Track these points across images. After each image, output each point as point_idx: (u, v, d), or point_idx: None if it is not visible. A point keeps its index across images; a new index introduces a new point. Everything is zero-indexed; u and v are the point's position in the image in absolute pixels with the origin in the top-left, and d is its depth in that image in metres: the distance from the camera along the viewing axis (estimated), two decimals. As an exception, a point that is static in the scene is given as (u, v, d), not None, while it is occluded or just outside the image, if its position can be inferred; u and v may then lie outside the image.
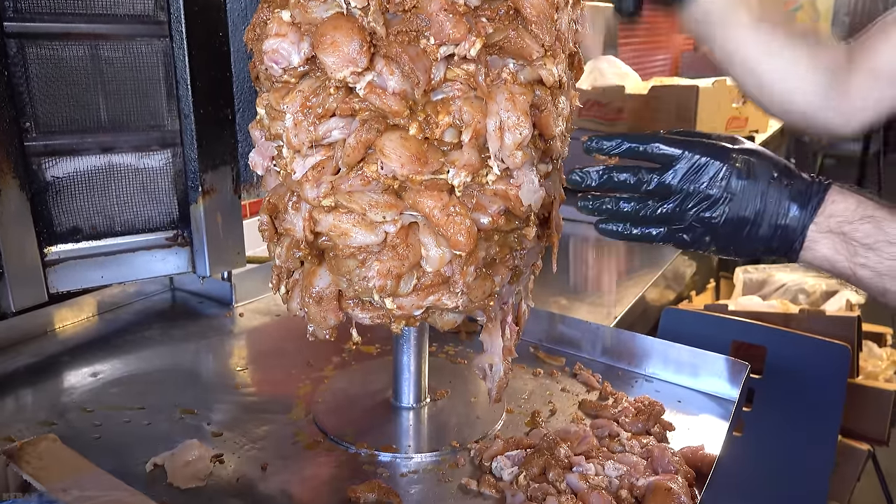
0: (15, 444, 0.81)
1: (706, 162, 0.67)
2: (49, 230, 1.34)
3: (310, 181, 0.90)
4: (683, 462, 0.98)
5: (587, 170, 0.72)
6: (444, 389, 1.21)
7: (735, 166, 0.67)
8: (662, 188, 0.68)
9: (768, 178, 0.67)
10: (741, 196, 0.67)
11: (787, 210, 0.67)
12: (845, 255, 0.66)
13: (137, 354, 1.36)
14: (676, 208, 0.68)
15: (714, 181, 0.67)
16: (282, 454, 1.04)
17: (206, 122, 1.40)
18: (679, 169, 0.67)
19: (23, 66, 1.24)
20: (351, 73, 0.83)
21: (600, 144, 0.71)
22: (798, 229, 0.67)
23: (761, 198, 0.66)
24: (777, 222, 0.67)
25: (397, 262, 0.89)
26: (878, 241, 0.65)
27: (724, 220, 0.67)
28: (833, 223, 0.66)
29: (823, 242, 0.67)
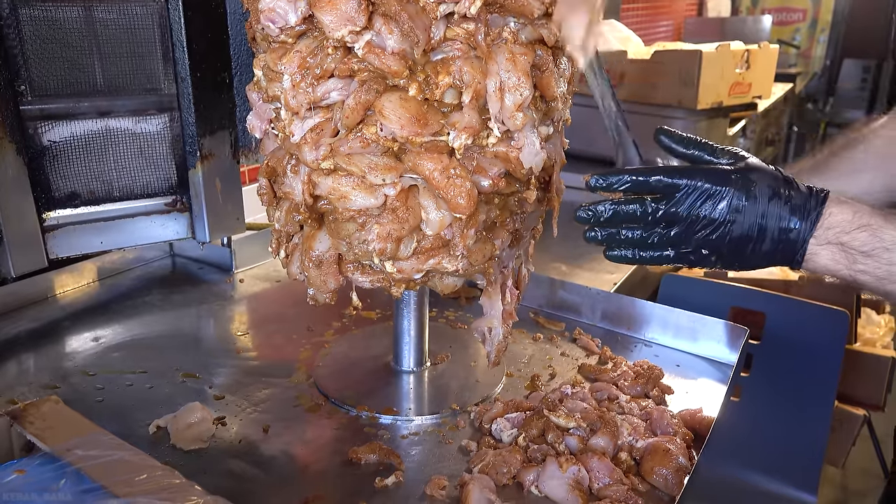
0: (18, 406, 0.82)
1: (708, 188, 0.68)
2: (47, 195, 1.33)
3: (308, 144, 0.89)
4: (682, 424, 0.99)
5: (594, 207, 0.74)
6: (444, 354, 1.22)
7: (736, 189, 0.68)
8: (668, 216, 0.70)
9: (768, 196, 0.69)
10: (743, 217, 0.69)
11: (787, 226, 0.69)
12: (845, 264, 0.69)
13: (138, 319, 1.36)
14: (682, 234, 0.70)
15: (717, 206, 0.69)
16: (283, 417, 1.05)
17: (204, 86, 1.38)
18: (682, 198, 0.69)
19: (16, 28, 1.22)
20: (349, 33, 0.82)
21: (605, 181, 0.73)
22: (799, 242, 0.69)
23: (762, 217, 0.69)
24: (778, 238, 0.69)
25: (397, 225, 0.89)
26: (875, 248, 0.67)
27: (728, 241, 0.70)
28: (831, 234, 0.68)
29: (823, 253, 0.69)
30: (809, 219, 0.69)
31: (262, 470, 0.93)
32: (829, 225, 0.69)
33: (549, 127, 0.99)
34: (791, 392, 1.66)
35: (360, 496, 0.88)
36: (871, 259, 0.68)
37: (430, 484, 0.88)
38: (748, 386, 1.65)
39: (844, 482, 2.46)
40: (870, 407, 2.00)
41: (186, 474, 0.77)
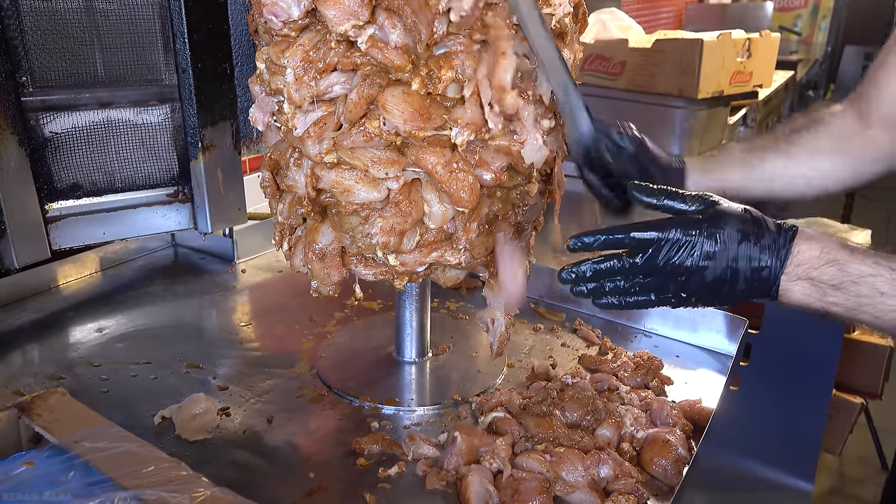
0: (26, 398, 0.82)
1: (679, 239, 0.72)
2: (49, 186, 1.33)
3: (311, 137, 0.89)
4: (681, 415, 1.00)
5: (576, 269, 0.77)
6: (445, 344, 1.23)
7: (706, 237, 0.72)
8: (645, 268, 0.74)
9: (737, 240, 0.72)
10: (716, 262, 0.72)
11: (759, 265, 0.72)
12: (816, 297, 0.72)
13: (141, 310, 1.37)
14: (661, 282, 0.74)
15: (690, 254, 0.72)
16: (287, 407, 1.06)
17: (205, 77, 1.38)
18: (656, 250, 0.72)
19: (17, 19, 1.22)
20: (352, 27, 0.82)
21: (583, 243, 0.76)
22: (771, 280, 0.72)
23: (734, 260, 0.72)
24: (752, 277, 0.72)
25: (400, 218, 0.90)
26: (843, 282, 0.70)
27: (705, 285, 0.73)
28: (801, 271, 0.71)
29: (795, 289, 0.72)
30: (779, 257, 0.72)
31: (267, 460, 0.95)
32: (799, 262, 0.72)
33: (550, 120, 0.99)
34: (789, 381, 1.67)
35: (363, 486, 0.89)
36: (840, 292, 0.71)
37: (432, 475, 0.89)
38: (747, 375, 1.66)
39: (841, 469, 2.48)
40: (867, 395, 2.01)
41: (192, 465, 0.78)
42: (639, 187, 0.77)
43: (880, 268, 0.69)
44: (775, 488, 1.59)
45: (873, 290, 0.69)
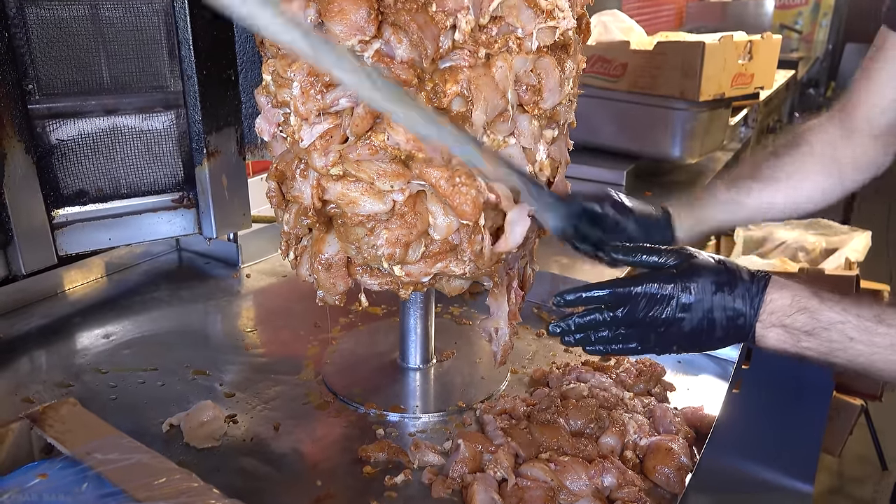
0: (37, 409, 0.84)
1: (656, 293, 0.76)
2: (56, 193, 1.34)
3: (318, 150, 0.90)
4: (684, 422, 1.02)
5: (561, 324, 0.82)
6: (449, 350, 1.24)
7: (682, 290, 0.76)
8: (626, 321, 0.78)
9: (712, 291, 0.75)
10: (692, 313, 0.76)
11: (734, 315, 0.75)
12: (791, 343, 0.75)
13: (147, 315, 1.38)
14: (642, 332, 0.78)
15: (667, 307, 0.76)
16: (293, 414, 1.07)
17: (210, 83, 1.39)
18: (635, 305, 0.77)
19: (23, 28, 1.23)
20: (358, 42, 0.83)
21: (565, 301, 0.81)
22: (747, 328, 0.75)
23: (710, 311, 0.76)
24: (728, 326, 0.76)
25: (405, 230, 0.91)
26: (815, 328, 0.73)
27: (683, 334, 0.77)
28: (774, 318, 0.74)
29: (770, 335, 0.75)
30: (753, 306, 0.75)
31: (274, 468, 0.96)
32: (772, 310, 0.75)
33: (553, 130, 1.00)
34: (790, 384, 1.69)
35: (370, 494, 0.90)
36: (813, 338, 0.73)
37: (437, 483, 0.90)
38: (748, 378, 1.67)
39: (841, 469, 2.49)
40: (867, 397, 2.03)
41: (201, 473, 0.79)
42: (616, 248, 0.82)
43: (848, 315, 0.72)
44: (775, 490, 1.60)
45: (843, 335, 0.72)
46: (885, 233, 3.47)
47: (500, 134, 0.93)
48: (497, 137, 0.93)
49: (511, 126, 0.93)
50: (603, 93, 2.31)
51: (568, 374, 1.13)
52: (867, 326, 0.72)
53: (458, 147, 0.81)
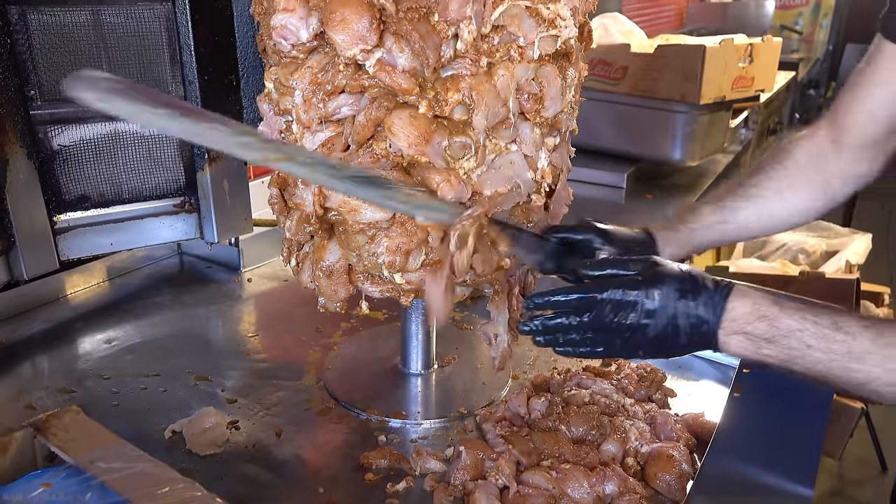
0: (41, 417, 0.84)
1: (620, 299, 0.78)
2: (58, 198, 1.35)
3: (320, 158, 0.90)
4: (685, 429, 1.02)
5: (529, 324, 0.84)
6: (451, 356, 1.24)
7: (646, 296, 0.77)
8: (592, 325, 0.79)
9: (675, 298, 0.77)
10: (656, 320, 0.77)
11: (697, 322, 0.77)
12: (752, 350, 0.76)
13: (149, 320, 1.38)
14: (608, 337, 0.80)
15: (630, 313, 0.77)
16: (295, 420, 1.08)
17: (211, 89, 1.39)
18: (600, 310, 0.78)
19: (25, 34, 1.23)
20: (360, 51, 0.83)
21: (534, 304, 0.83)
22: (709, 335, 0.77)
23: (673, 318, 0.77)
24: (691, 332, 0.77)
25: (406, 238, 0.91)
26: (775, 336, 0.74)
27: (647, 340, 0.78)
28: (736, 326, 0.76)
29: (732, 342, 0.76)
30: (715, 313, 0.76)
31: (276, 475, 0.96)
32: (734, 318, 0.76)
33: (555, 137, 1.01)
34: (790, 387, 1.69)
35: (372, 502, 0.91)
36: (773, 345, 0.75)
37: (439, 490, 0.90)
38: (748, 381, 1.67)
39: (841, 471, 2.50)
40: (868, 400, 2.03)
41: (203, 481, 0.80)
42: (585, 265, 0.83)
43: (806, 322, 0.73)
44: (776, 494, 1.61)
45: (801, 343, 0.73)
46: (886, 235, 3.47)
47: (502, 140, 0.93)
48: (499, 144, 0.93)
49: (513, 133, 0.93)
50: (603, 95, 2.32)
51: (569, 380, 1.13)
52: (825, 334, 0.72)
53: (429, 211, 0.84)
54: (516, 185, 0.96)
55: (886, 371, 0.70)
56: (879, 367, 0.70)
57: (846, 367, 0.72)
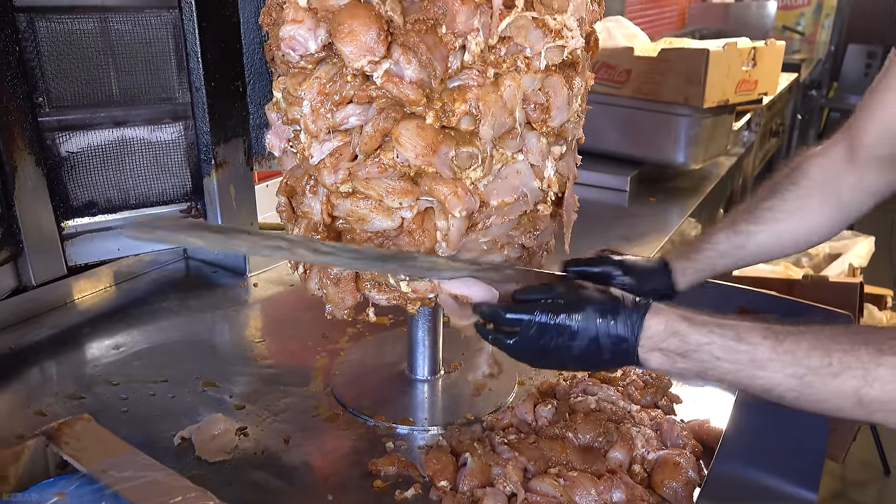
0: (53, 425, 0.85)
1: (545, 321, 0.83)
2: (66, 204, 1.36)
3: (327, 168, 0.91)
4: (691, 436, 1.02)
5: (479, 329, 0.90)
6: (457, 361, 1.25)
7: (567, 319, 0.82)
8: (524, 342, 0.85)
9: (595, 319, 0.82)
10: (578, 340, 0.82)
11: (617, 340, 0.81)
12: (669, 364, 0.80)
13: (156, 325, 1.39)
14: (540, 351, 0.85)
15: (555, 334, 0.83)
16: (303, 427, 1.08)
17: (218, 95, 1.41)
18: (527, 329, 0.84)
19: (33, 41, 1.24)
20: (368, 63, 0.84)
21: (480, 312, 0.88)
22: (630, 352, 0.81)
23: (594, 338, 0.82)
24: (613, 350, 0.82)
25: (413, 247, 0.91)
26: (686, 350, 0.78)
27: (573, 357, 0.84)
28: (651, 343, 0.80)
29: (651, 358, 0.81)
30: (633, 332, 0.81)
31: (286, 482, 0.97)
32: (650, 335, 0.80)
33: (562, 146, 1.01)
34: (794, 391, 1.70)
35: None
36: (686, 359, 0.78)
37: (448, 497, 0.91)
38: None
39: (844, 473, 2.50)
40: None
41: (213, 488, 0.80)
42: (519, 292, 0.87)
43: (713, 336, 0.77)
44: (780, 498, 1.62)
45: (710, 356, 0.77)
46: (889, 238, 3.47)
47: (509, 150, 0.94)
48: (506, 153, 0.94)
49: (519, 143, 0.94)
50: (607, 98, 2.32)
51: (575, 387, 1.14)
52: (729, 345, 0.76)
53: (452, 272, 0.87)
54: (523, 195, 0.96)
55: (787, 377, 0.73)
56: (781, 373, 0.73)
57: (752, 374, 0.75)
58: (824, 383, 0.71)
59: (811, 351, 0.72)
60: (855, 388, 0.69)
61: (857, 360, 0.70)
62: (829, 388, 0.71)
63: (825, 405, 0.72)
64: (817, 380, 0.71)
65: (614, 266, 1.04)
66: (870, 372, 0.69)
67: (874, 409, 0.70)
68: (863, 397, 0.69)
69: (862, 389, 0.69)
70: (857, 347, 0.70)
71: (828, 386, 0.71)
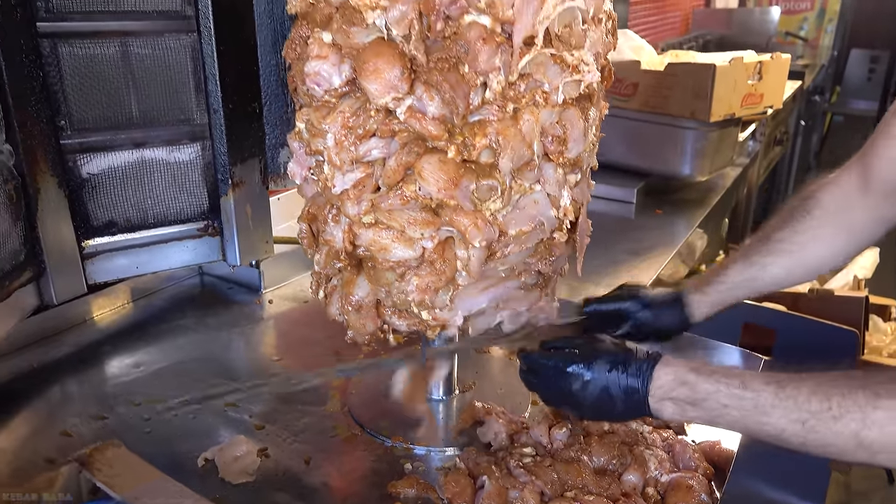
0: (85, 452, 0.87)
1: (561, 369, 0.90)
2: (86, 224, 1.38)
3: (351, 199, 0.93)
4: (702, 458, 1.05)
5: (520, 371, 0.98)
6: (470, 381, 1.27)
7: (580, 369, 0.89)
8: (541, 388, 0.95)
9: (607, 370, 0.88)
10: (591, 389, 0.88)
11: (628, 391, 0.87)
12: (680, 413, 0.85)
13: (174, 343, 1.41)
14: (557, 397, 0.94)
15: (568, 381, 0.90)
16: (322, 447, 1.11)
17: (235, 117, 1.43)
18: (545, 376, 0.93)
19: (56, 66, 1.26)
20: (392, 99, 0.86)
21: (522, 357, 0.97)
22: (642, 402, 0.86)
23: (605, 387, 0.88)
24: (625, 400, 0.87)
25: (435, 277, 0.94)
26: (696, 399, 0.83)
27: (586, 406, 0.90)
28: (661, 393, 0.85)
29: (664, 409, 0.86)
30: (644, 383, 0.86)
31: (306, 503, 0.99)
32: (659, 386, 0.85)
33: (577, 174, 1.03)
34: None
35: (401, 531, 0.94)
36: (696, 407, 0.83)
37: (467, 520, 0.94)
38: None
39: (848, 482, 2.52)
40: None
41: (239, 511, 0.83)
42: (547, 342, 0.96)
43: (720, 384, 0.82)
44: (786, 512, 1.63)
45: (718, 403, 0.81)
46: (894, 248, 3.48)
47: (527, 181, 0.96)
48: (524, 184, 0.96)
49: (537, 174, 0.96)
50: (614, 111, 2.34)
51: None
52: (735, 393, 0.80)
53: None
54: (540, 223, 0.99)
55: (791, 422, 0.76)
56: (785, 419, 0.76)
57: (758, 420, 0.79)
58: (826, 427, 0.74)
59: (811, 396, 0.75)
60: (855, 431, 0.72)
61: (855, 403, 0.73)
62: (832, 431, 0.73)
63: (830, 449, 0.75)
64: (819, 424, 0.74)
65: (631, 302, 1.10)
66: (868, 415, 0.72)
67: (875, 450, 0.72)
68: (863, 440, 0.72)
69: (861, 432, 0.72)
70: (854, 391, 0.73)
71: (830, 429, 0.73)
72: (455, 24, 0.85)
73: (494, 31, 0.84)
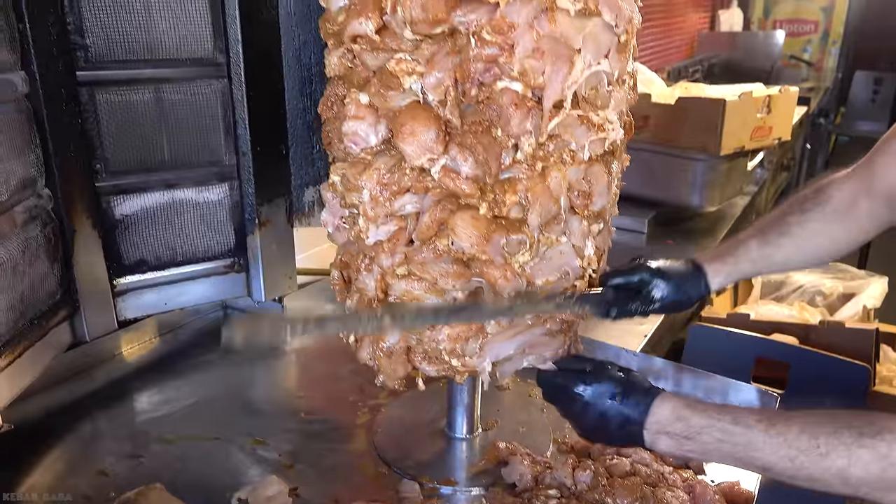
0: (129, 496, 0.91)
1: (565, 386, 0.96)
2: (118, 263, 1.42)
3: (385, 251, 0.97)
4: (723, 500, 1.07)
5: None
6: (493, 419, 1.30)
7: (582, 390, 0.94)
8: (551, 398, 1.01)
9: (606, 397, 0.92)
10: (590, 411, 0.93)
11: (624, 420, 0.91)
12: (676, 447, 0.89)
13: (201, 379, 1.45)
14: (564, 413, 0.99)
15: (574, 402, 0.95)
16: (351, 486, 1.14)
17: (263, 158, 1.47)
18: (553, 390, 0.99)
19: (93, 112, 1.31)
20: (428, 160, 0.90)
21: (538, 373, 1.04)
22: (637, 433, 0.90)
23: (602, 413, 0.92)
24: (621, 429, 0.91)
25: (465, 327, 0.97)
26: (691, 434, 0.86)
27: (586, 428, 0.96)
28: (658, 426, 0.89)
29: (660, 441, 0.89)
30: (641, 414, 0.90)
31: (339, 545, 1.02)
32: (656, 419, 0.89)
33: (599, 224, 1.07)
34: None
35: (432, 573, 0.97)
36: (691, 441, 0.87)
37: (496, 563, 0.97)
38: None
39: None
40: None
41: (276, 554, 0.86)
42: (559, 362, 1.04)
43: (713, 420, 0.85)
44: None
45: (712, 438, 0.85)
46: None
47: (554, 234, 1.00)
48: (551, 237, 1.00)
49: (563, 227, 1.00)
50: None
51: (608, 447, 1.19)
52: (727, 428, 0.84)
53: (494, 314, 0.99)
54: (565, 273, 1.02)
55: (780, 458, 0.80)
56: (774, 455, 0.80)
57: (749, 455, 0.83)
58: (813, 463, 0.78)
59: (801, 434, 0.79)
60: (841, 469, 0.76)
61: (841, 442, 0.77)
62: (819, 467, 0.77)
63: (816, 484, 0.79)
64: (807, 461, 0.78)
65: (651, 273, 1.09)
66: (853, 453, 0.76)
67: (858, 486, 0.76)
68: (848, 477, 0.76)
69: (847, 470, 0.76)
70: (840, 430, 0.77)
71: (818, 466, 0.77)
72: (488, 89, 0.89)
73: (526, 97, 0.88)
